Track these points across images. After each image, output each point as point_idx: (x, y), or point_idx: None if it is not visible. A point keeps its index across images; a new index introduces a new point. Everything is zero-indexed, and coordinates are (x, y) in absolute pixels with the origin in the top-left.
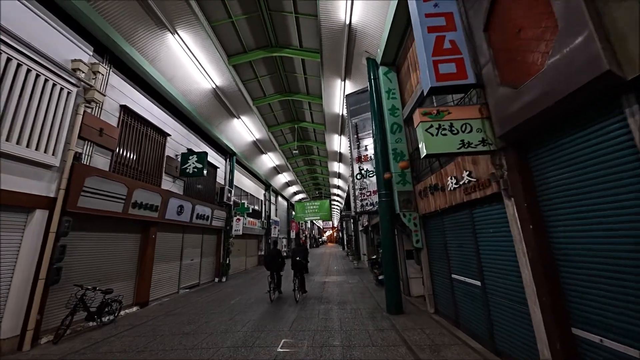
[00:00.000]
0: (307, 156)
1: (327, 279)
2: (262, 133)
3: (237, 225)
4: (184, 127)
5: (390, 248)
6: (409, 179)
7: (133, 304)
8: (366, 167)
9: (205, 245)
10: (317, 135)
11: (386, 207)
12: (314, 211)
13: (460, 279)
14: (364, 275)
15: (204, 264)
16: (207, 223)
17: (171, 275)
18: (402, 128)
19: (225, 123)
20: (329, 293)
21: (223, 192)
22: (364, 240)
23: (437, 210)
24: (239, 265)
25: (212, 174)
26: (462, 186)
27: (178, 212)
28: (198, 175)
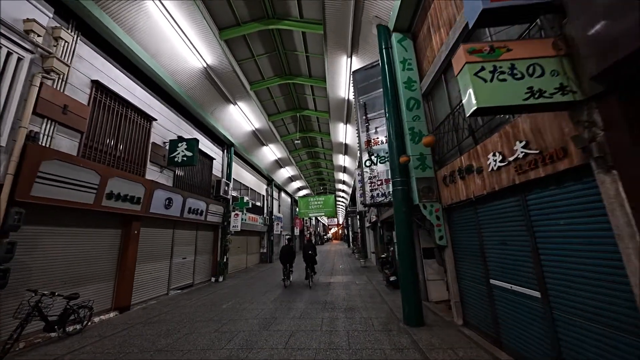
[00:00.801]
0: (311, 148)
1: (332, 279)
2: (262, 122)
3: (235, 221)
4: (174, 113)
5: (407, 246)
6: (429, 163)
7: (111, 309)
8: (377, 153)
9: (199, 242)
10: (321, 125)
11: (402, 197)
12: (318, 207)
13: (504, 286)
14: (372, 274)
15: (198, 262)
16: (201, 218)
17: (159, 276)
18: (420, 104)
19: (221, 110)
20: (335, 296)
21: (220, 185)
22: (371, 238)
23: (469, 199)
24: (239, 264)
25: (208, 166)
26: (513, 163)
27: (166, 205)
28: (188, 164)
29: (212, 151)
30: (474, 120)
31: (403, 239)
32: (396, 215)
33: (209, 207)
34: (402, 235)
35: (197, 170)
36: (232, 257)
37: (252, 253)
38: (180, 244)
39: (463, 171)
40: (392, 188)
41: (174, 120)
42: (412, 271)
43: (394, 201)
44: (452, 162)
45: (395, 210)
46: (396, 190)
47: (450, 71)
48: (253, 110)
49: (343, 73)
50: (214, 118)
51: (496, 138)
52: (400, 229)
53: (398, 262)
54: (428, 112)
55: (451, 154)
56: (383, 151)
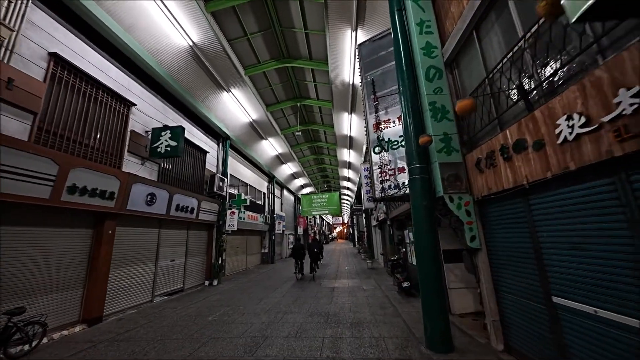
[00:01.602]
0: (313, 143)
1: (336, 284)
2: (260, 113)
3: (231, 220)
4: (160, 100)
5: (430, 248)
6: (455, 144)
7: (78, 322)
8: (388, 137)
9: (191, 243)
10: (324, 117)
11: (421, 188)
12: (322, 205)
13: (580, 308)
14: (380, 278)
15: (190, 265)
16: (192, 217)
17: (141, 281)
18: (442, 73)
19: (213, 98)
20: (339, 306)
21: (214, 181)
22: (379, 237)
23: (518, 187)
24: (238, 265)
25: (201, 160)
26: (609, 126)
27: (148, 201)
28: (172, 155)
29: (205, 144)
30: (532, 78)
31: (424, 239)
32: (414, 211)
33: (202, 204)
34: (422, 234)
35: (188, 164)
36: (230, 258)
37: (252, 253)
38: (167, 244)
39: (508, 149)
40: (409, 177)
41: (159, 108)
42: (436, 280)
43: (411, 193)
44: (489, 140)
45: (413, 205)
46: (414, 179)
47: (485, 25)
48: (249, 99)
49: (347, 51)
50: (206, 107)
51: (574, 92)
52: (420, 227)
53: (412, 266)
54: (452, 84)
55: (487, 130)
56: (395, 135)
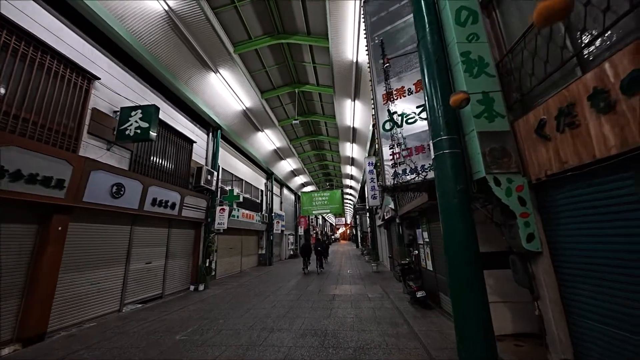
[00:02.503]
0: (314, 137)
1: (337, 291)
2: (254, 100)
3: (221, 218)
4: (135, 78)
5: (466, 250)
6: (499, 108)
7: (12, 341)
8: (402, 109)
9: (173, 242)
10: (325, 106)
11: (453, 167)
12: (323, 203)
13: None
14: (387, 283)
15: (171, 268)
16: (173, 213)
17: (107, 287)
18: (477, 17)
19: (199, 79)
20: (339, 322)
21: (201, 174)
22: (384, 238)
23: (613, 158)
24: (231, 267)
25: (186, 150)
26: None
27: (113, 193)
28: (143, 139)
29: (192, 133)
30: None
31: (457, 236)
32: (443, 200)
33: (186, 199)
34: (454, 230)
35: (171, 154)
36: (223, 260)
37: (248, 255)
38: (142, 244)
39: (608, 94)
40: (434, 153)
41: (133, 87)
42: (476, 291)
43: (438, 176)
44: (564, 89)
45: (441, 192)
46: (442, 157)
47: None
48: (241, 83)
49: (350, 18)
50: (192, 90)
51: None
52: (452, 221)
53: (427, 272)
54: (491, 31)
55: (553, 80)
56: (411, 105)
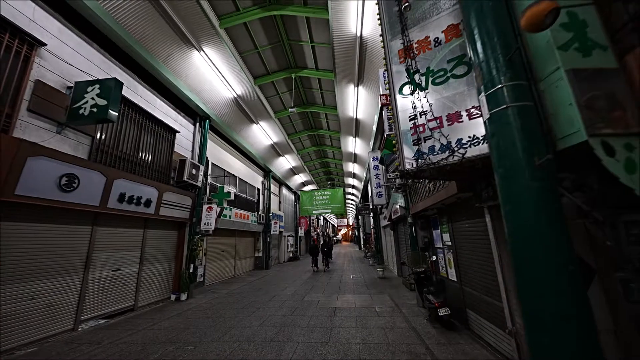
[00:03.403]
0: (314, 131)
1: (339, 302)
2: (246, 86)
3: (208, 217)
4: (97, 50)
5: (556, 262)
6: (597, 35)
7: None
8: (427, 66)
9: (150, 246)
10: (325, 95)
11: (522, 131)
12: (324, 202)
13: None
14: (397, 292)
15: (147, 275)
16: (149, 211)
17: (56, 301)
18: None
19: (180, 58)
20: (342, 351)
21: (184, 167)
22: (390, 240)
23: None
24: (223, 272)
25: (167, 140)
26: None
27: (62, 186)
28: (101, 119)
29: (174, 121)
30: None
31: (538, 242)
32: (506, 184)
33: (165, 196)
34: (530, 233)
35: (147, 144)
36: (213, 264)
37: (243, 258)
38: (107, 248)
39: None
40: (489, 112)
41: (96, 60)
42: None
43: (498, 145)
44: None
45: (503, 170)
46: (502, 115)
47: None
48: (230, 65)
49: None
50: (173, 72)
51: None
52: (524, 217)
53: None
54: None
55: None
56: (440, 59)
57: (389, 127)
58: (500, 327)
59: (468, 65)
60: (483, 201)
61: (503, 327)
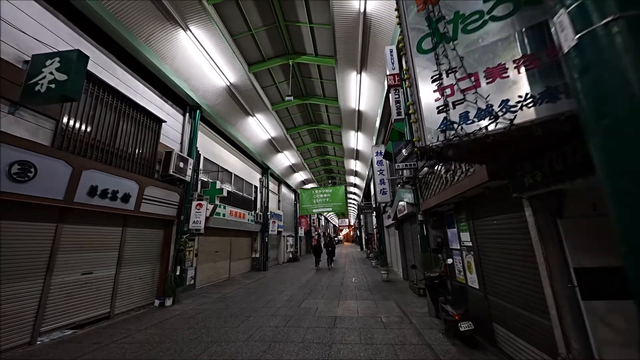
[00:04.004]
0: (314, 126)
1: (339, 310)
2: (239, 73)
3: (197, 215)
4: (68, 25)
5: None
6: None
7: None
8: (456, 9)
9: (130, 246)
10: (325, 85)
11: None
12: (324, 201)
13: None
14: (403, 299)
15: (126, 278)
16: (127, 207)
17: (11, 311)
18: None
19: (164, 37)
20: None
21: (170, 160)
22: (395, 241)
23: None
24: (217, 274)
25: (151, 130)
26: None
27: (14, 175)
28: (60, 97)
29: (160, 110)
30: None
31: None
32: (609, 144)
33: (147, 190)
34: None
35: (127, 132)
36: (205, 266)
37: (239, 259)
38: (76, 249)
39: None
40: (577, 36)
41: (62, 34)
42: None
43: (592, 85)
44: None
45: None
46: (600, 36)
47: None
48: (222, 49)
49: None
50: (155, 53)
51: None
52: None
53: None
54: None
55: None
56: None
57: (397, 111)
58: (546, 351)
59: (515, 2)
60: (526, 190)
61: (551, 352)
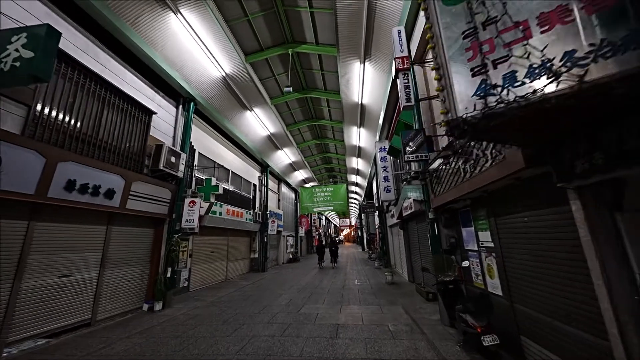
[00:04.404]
0: (315, 121)
1: (341, 317)
2: (236, 63)
3: (189, 213)
4: (42, 2)
5: None
6: None
7: None
8: None
9: (115, 246)
10: (327, 78)
11: None
12: (325, 199)
13: None
14: (411, 303)
15: (110, 281)
16: (112, 204)
17: None
18: None
19: (152, 21)
20: None
21: (160, 154)
22: (398, 240)
23: None
24: (212, 275)
25: (140, 121)
26: None
27: None
28: (27, 77)
29: (150, 101)
30: None
31: None
32: None
33: (134, 186)
34: None
35: (111, 122)
36: (200, 267)
37: (236, 259)
38: (52, 249)
39: None
40: None
41: (36, 12)
42: None
43: None
44: None
45: None
46: None
47: None
48: (216, 35)
49: None
50: (144, 38)
51: None
52: None
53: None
54: None
55: None
56: None
57: (406, 97)
58: None
59: None
60: (577, 177)
61: None
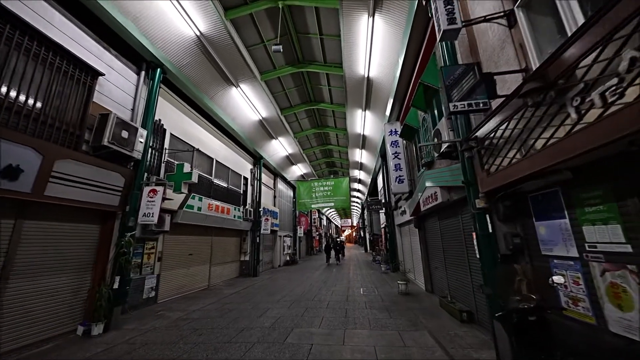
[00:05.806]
0: (313, 105)
1: (346, 351)
2: (212, 18)
3: (149, 206)
4: None
5: None
6: None
7: None
8: None
9: (28, 248)
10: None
11: None
12: (325, 195)
13: None
14: (439, 326)
15: (18, 297)
16: (17, 188)
17: None
18: None
19: None
20: None
21: (106, 125)
22: (410, 241)
23: None
24: (192, 282)
25: (80, 83)
26: None
27: None
28: None
29: (96, 58)
30: None
31: None
32: None
33: (57, 165)
34: None
35: (23, 77)
36: (172, 273)
37: (223, 263)
38: None
39: None
40: None
41: None
42: None
43: None
44: None
45: None
46: None
47: None
48: None
49: None
50: None
51: None
52: None
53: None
54: None
55: None
56: None
57: (448, 17)
58: None
59: None
60: None
61: None
